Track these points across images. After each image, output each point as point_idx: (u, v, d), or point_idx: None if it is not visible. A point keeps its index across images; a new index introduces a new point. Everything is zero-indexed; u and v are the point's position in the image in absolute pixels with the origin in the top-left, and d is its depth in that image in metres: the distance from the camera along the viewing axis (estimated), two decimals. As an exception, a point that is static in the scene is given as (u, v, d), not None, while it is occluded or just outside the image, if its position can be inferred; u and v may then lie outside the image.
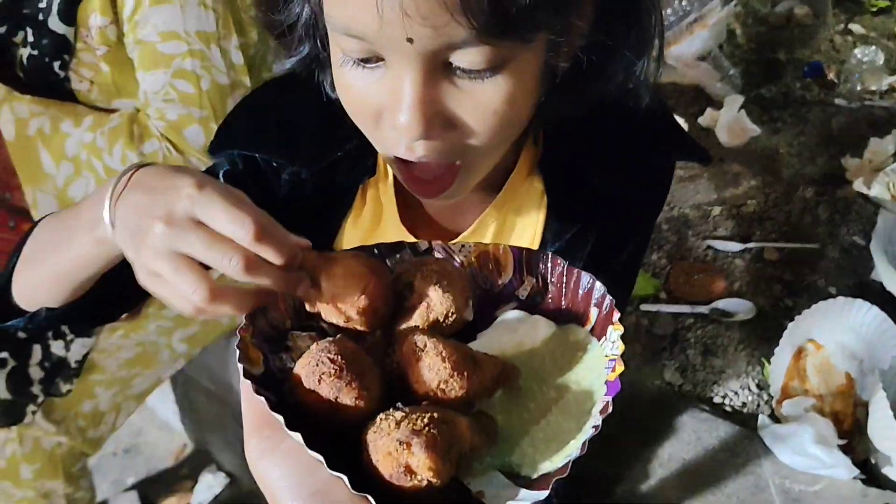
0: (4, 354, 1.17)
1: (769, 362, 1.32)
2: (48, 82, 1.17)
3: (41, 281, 0.66)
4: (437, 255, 0.60)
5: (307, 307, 0.53)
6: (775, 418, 1.25)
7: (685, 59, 1.84)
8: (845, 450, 1.16)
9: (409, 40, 0.49)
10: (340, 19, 0.52)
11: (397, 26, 0.48)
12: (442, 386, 0.46)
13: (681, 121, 1.81)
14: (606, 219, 0.74)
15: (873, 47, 1.96)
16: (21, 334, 0.71)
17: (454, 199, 0.65)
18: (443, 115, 0.55)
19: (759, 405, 1.30)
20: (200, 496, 1.67)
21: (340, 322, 0.52)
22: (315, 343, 0.47)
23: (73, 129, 1.14)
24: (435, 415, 0.43)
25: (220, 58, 1.13)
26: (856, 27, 2.17)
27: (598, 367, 0.50)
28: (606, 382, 0.47)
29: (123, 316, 0.81)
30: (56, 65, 1.15)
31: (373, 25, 0.49)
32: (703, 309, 1.41)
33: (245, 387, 0.45)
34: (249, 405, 0.46)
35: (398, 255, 0.60)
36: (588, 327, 0.54)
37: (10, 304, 0.69)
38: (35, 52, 1.15)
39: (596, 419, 0.45)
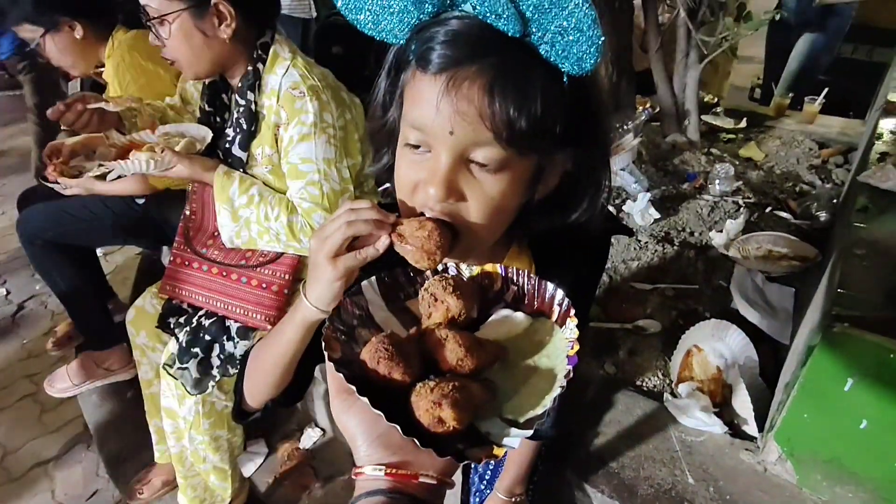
0: (197, 350, 1.18)
1: (670, 360, 1.35)
2: None
3: (265, 382, 0.65)
4: (451, 272, 0.59)
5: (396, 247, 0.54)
6: (675, 395, 1.26)
7: (613, 170, 1.85)
8: (718, 415, 1.18)
9: (451, 133, 0.49)
10: (413, 117, 0.52)
11: (447, 121, 0.49)
12: (459, 363, 0.47)
13: (611, 208, 1.90)
14: (573, 277, 0.65)
15: (727, 164, 2.03)
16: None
17: (458, 257, 0.58)
18: (458, 191, 0.53)
19: (664, 387, 1.31)
20: (305, 442, 1.66)
21: (415, 256, 0.53)
22: (374, 336, 0.47)
23: (258, 184, 1.15)
24: (456, 383, 0.43)
25: (336, 174, 1.13)
26: (715, 150, 2.25)
27: (562, 345, 0.50)
28: (568, 357, 0.47)
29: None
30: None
31: (433, 119, 0.49)
32: (629, 326, 1.42)
33: (329, 367, 0.45)
34: (333, 378, 0.46)
35: (424, 273, 0.58)
36: (553, 319, 0.54)
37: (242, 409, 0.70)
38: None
39: (562, 381, 0.45)
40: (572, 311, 0.51)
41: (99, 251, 2.14)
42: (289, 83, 1.08)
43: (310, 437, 1.67)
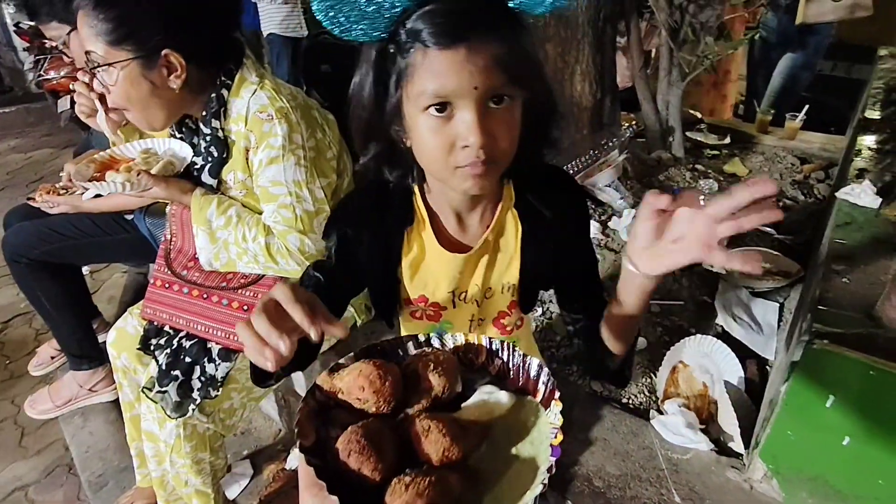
0: (177, 372, 1.16)
1: (656, 376, 1.34)
2: None
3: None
4: (434, 343, 0.59)
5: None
6: (660, 412, 1.25)
7: (599, 186, 1.89)
8: (704, 432, 1.17)
9: (476, 88, 0.58)
10: (434, 88, 0.58)
11: (471, 80, 0.57)
12: (445, 453, 0.45)
13: (596, 225, 1.87)
14: (556, 239, 0.77)
15: (711, 179, 2.07)
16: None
17: (489, 189, 0.67)
18: (490, 132, 0.60)
19: (651, 404, 1.30)
20: (291, 463, 1.63)
21: (358, 406, 0.51)
22: (350, 426, 0.45)
23: (236, 205, 1.14)
24: (433, 477, 0.42)
25: (308, 195, 1.10)
26: (699, 166, 2.28)
27: (546, 430, 0.49)
28: (551, 446, 0.46)
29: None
30: None
31: (456, 83, 0.57)
32: None
33: (301, 456, 0.46)
34: (304, 470, 0.47)
35: (407, 345, 0.59)
36: (538, 399, 0.53)
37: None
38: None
39: (544, 476, 0.44)
40: (557, 394, 0.52)
41: (85, 269, 2.11)
42: (256, 106, 1.06)
43: (296, 458, 1.64)
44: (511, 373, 0.57)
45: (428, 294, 0.83)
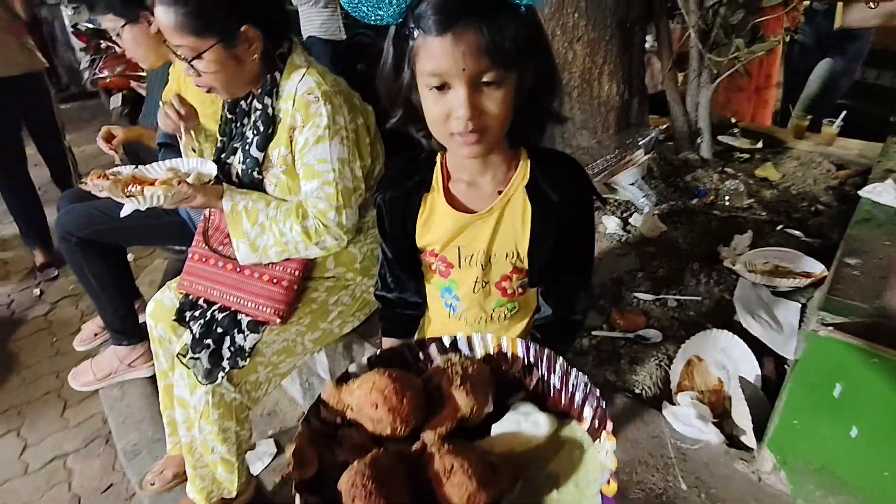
0: (209, 341, 1.24)
1: (670, 369, 1.34)
2: (252, 183, 1.26)
3: None
4: (461, 346, 0.52)
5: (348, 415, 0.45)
6: (673, 403, 1.25)
7: (622, 184, 1.90)
8: (717, 427, 1.16)
9: (464, 69, 0.67)
10: (431, 68, 0.69)
11: (459, 62, 0.67)
12: (471, 500, 0.38)
13: (617, 221, 1.89)
14: (558, 218, 0.84)
15: (738, 181, 2.04)
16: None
17: (484, 154, 0.78)
18: (478, 107, 0.71)
19: (663, 395, 1.30)
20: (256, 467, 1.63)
21: (370, 428, 0.45)
22: (356, 463, 0.39)
23: (264, 208, 1.23)
24: None
25: (349, 173, 1.20)
26: (729, 169, 2.23)
27: (594, 470, 0.42)
28: (602, 495, 0.38)
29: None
30: (255, 173, 1.25)
31: (448, 65, 0.67)
32: (631, 335, 1.43)
33: (296, 498, 0.41)
34: None
35: (429, 349, 0.52)
36: (584, 426, 0.45)
37: None
38: (243, 167, 1.26)
39: None
40: (609, 424, 0.44)
41: (129, 256, 2.25)
42: (304, 88, 1.16)
43: (259, 463, 1.67)
44: (552, 390, 0.50)
45: (436, 248, 0.91)
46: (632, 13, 1.99)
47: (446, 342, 0.53)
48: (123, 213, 1.25)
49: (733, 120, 2.77)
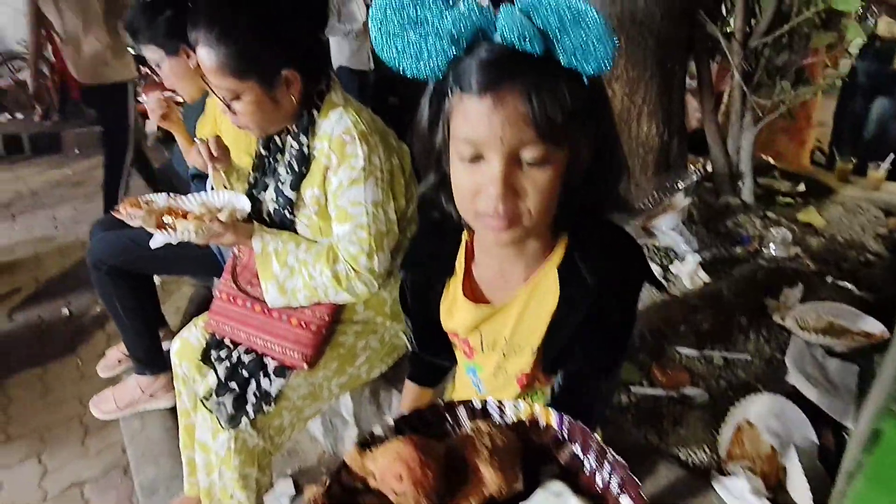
0: (234, 384, 1.21)
1: (718, 434, 1.26)
2: (283, 223, 1.24)
3: None
4: (490, 411, 0.50)
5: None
6: (723, 473, 1.17)
7: (661, 229, 1.84)
8: (771, 500, 1.08)
9: (502, 139, 0.57)
10: (463, 131, 0.60)
11: (497, 131, 0.57)
12: None
13: (657, 269, 1.83)
14: (592, 306, 0.70)
15: (783, 229, 1.95)
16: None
17: (512, 241, 0.65)
18: (513, 188, 0.60)
19: (712, 464, 1.22)
20: None
21: (393, 500, 0.43)
22: None
23: (294, 249, 1.19)
24: None
25: (383, 215, 1.16)
26: (771, 214, 2.16)
27: None
28: None
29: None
30: (287, 213, 1.22)
31: (484, 132, 0.58)
32: (674, 393, 1.35)
33: None
34: None
35: (458, 412, 0.50)
36: None
37: None
38: (276, 206, 1.23)
39: None
40: None
41: (156, 279, 2.24)
42: (341, 128, 1.13)
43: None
44: (586, 469, 0.47)
45: (458, 332, 0.83)
46: (673, 52, 1.94)
47: (476, 405, 0.51)
48: (154, 245, 1.23)
49: (772, 161, 2.69)
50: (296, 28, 1.10)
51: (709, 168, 2.29)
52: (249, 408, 1.20)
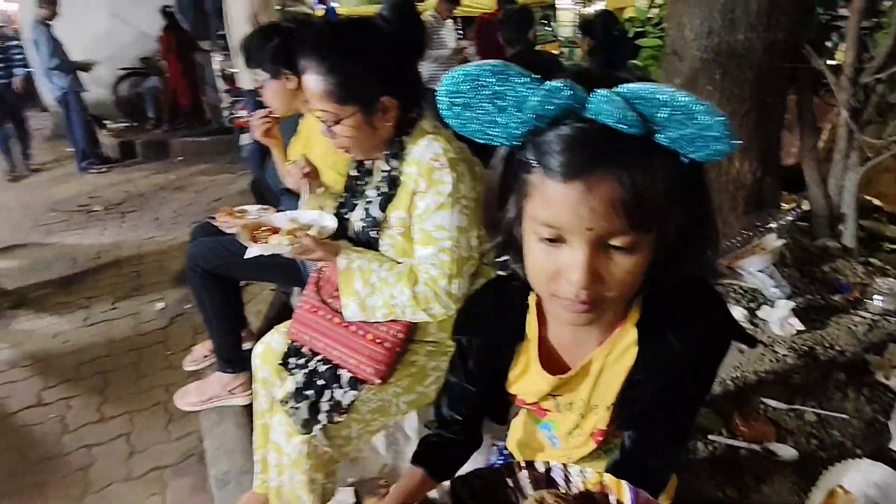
0: (310, 392, 1.24)
1: (807, 497, 1.16)
2: (368, 241, 1.27)
3: None
4: (555, 477, 0.48)
5: None
6: None
7: (749, 270, 1.75)
8: None
9: (590, 229, 0.53)
10: (544, 215, 0.55)
11: (584, 220, 0.52)
12: None
13: (742, 312, 1.73)
14: (674, 370, 0.66)
15: (890, 279, 1.79)
16: None
17: (589, 322, 0.62)
18: (597, 273, 0.55)
19: None
20: None
21: None
22: None
23: (377, 269, 1.22)
24: None
25: (466, 242, 1.17)
26: (875, 261, 1.98)
27: None
28: None
29: None
30: (372, 232, 1.25)
31: (568, 220, 0.53)
32: (757, 447, 1.26)
33: None
34: None
35: (519, 477, 0.48)
36: None
37: None
38: (363, 224, 1.27)
39: None
40: None
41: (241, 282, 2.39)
42: (431, 154, 1.16)
43: None
44: None
45: (527, 399, 0.79)
46: (773, 87, 1.85)
47: (540, 469, 0.49)
48: (247, 255, 1.31)
49: (877, 202, 2.48)
50: (396, 59, 1.16)
51: (805, 207, 2.15)
52: (322, 416, 1.23)
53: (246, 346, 2.07)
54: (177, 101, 6.71)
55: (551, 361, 0.74)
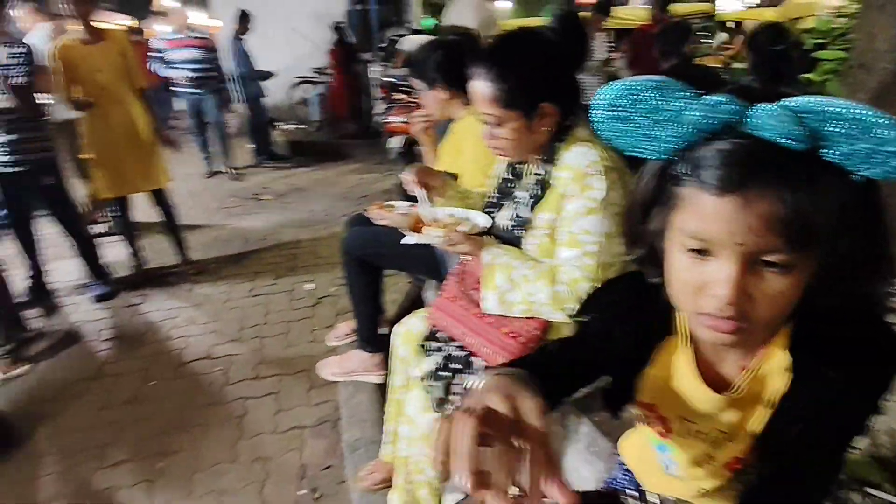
0: (446, 374, 1.33)
1: None
2: (513, 241, 1.32)
3: None
4: None
5: None
6: None
7: None
8: None
9: (740, 244, 0.51)
10: (692, 227, 0.53)
11: (736, 235, 0.50)
12: None
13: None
14: (831, 401, 0.60)
15: None
16: None
17: (733, 344, 0.57)
18: (746, 291, 0.53)
19: None
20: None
21: None
22: None
23: (519, 266, 1.26)
24: None
25: (610, 248, 1.18)
26: None
27: None
28: None
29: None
30: (518, 231, 1.30)
31: (719, 234, 0.51)
32: None
33: None
34: None
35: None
36: None
37: None
38: (511, 223, 1.32)
39: None
40: None
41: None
42: (586, 161, 1.19)
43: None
44: None
45: (661, 409, 0.75)
46: None
47: (651, 499, 0.48)
48: (404, 242, 1.44)
49: None
50: (560, 69, 1.22)
51: None
52: (453, 398, 1.31)
53: (381, 330, 2.25)
54: (338, 106, 7.42)
55: (706, 377, 0.69)
